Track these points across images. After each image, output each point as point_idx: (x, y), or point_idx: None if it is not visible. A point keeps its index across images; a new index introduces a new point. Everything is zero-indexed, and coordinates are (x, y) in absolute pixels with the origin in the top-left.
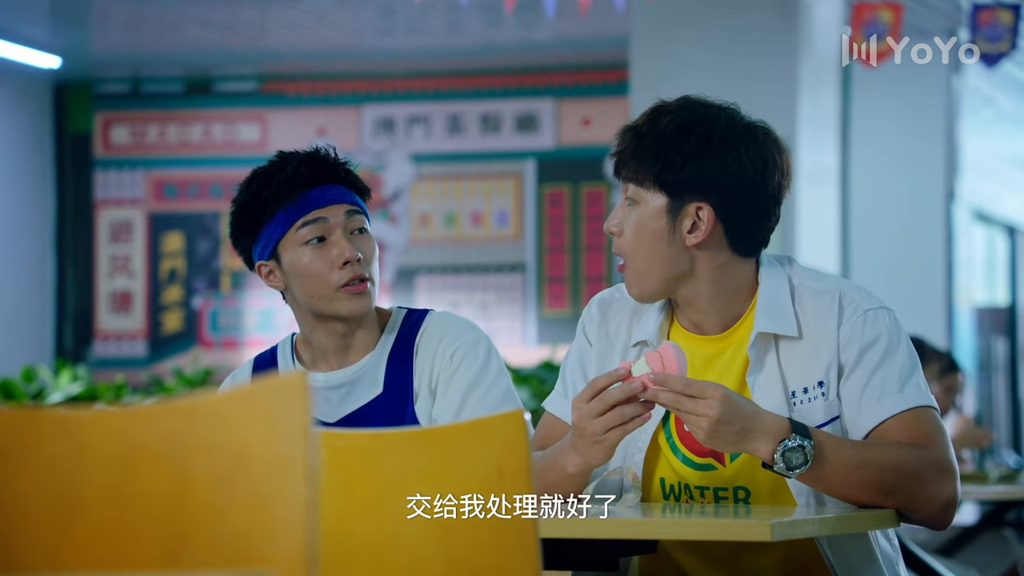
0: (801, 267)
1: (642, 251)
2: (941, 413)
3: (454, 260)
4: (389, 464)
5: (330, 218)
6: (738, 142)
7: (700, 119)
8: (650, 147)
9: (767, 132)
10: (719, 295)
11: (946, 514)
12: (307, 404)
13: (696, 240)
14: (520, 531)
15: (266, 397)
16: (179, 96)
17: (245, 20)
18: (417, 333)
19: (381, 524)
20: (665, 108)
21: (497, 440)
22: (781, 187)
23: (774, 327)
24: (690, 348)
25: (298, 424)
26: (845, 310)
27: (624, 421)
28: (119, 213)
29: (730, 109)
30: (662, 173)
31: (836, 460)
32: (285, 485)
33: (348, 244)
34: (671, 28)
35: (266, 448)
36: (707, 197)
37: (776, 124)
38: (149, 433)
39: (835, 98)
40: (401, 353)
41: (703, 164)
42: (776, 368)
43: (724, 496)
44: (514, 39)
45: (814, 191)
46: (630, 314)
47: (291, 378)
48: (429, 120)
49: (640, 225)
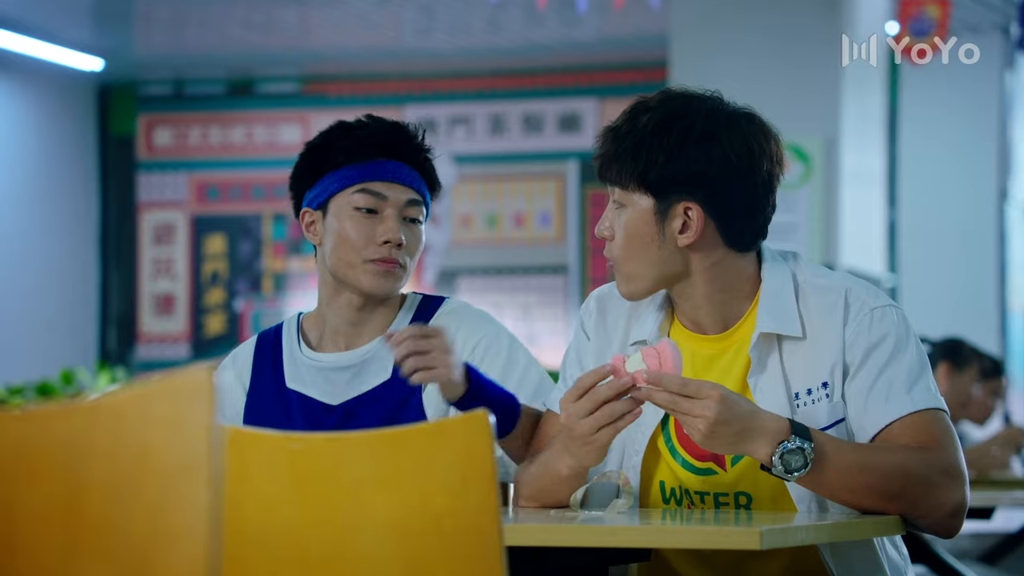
0: (806, 263)
1: (632, 254)
2: (983, 418)
3: (496, 262)
4: (347, 469)
5: (389, 196)
6: (720, 134)
7: (679, 114)
8: (630, 148)
9: (751, 118)
10: (717, 293)
11: (954, 521)
12: (212, 404)
13: (688, 241)
14: (484, 539)
15: (169, 397)
16: (221, 98)
17: (286, 21)
18: (431, 319)
19: (339, 533)
20: (644, 105)
21: (460, 443)
22: (772, 175)
23: (777, 327)
24: (691, 347)
25: (202, 426)
26: (851, 308)
27: (614, 419)
28: (162, 215)
29: (712, 99)
30: (645, 174)
31: (838, 463)
32: (187, 491)
33: (396, 226)
34: (711, 26)
35: (168, 452)
36: (694, 195)
37: (819, 123)
38: (44, 436)
39: (881, 97)
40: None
41: (685, 161)
42: (779, 369)
43: (725, 502)
44: (556, 38)
45: (859, 191)
46: (628, 310)
47: (195, 377)
48: (471, 121)
49: (629, 229)
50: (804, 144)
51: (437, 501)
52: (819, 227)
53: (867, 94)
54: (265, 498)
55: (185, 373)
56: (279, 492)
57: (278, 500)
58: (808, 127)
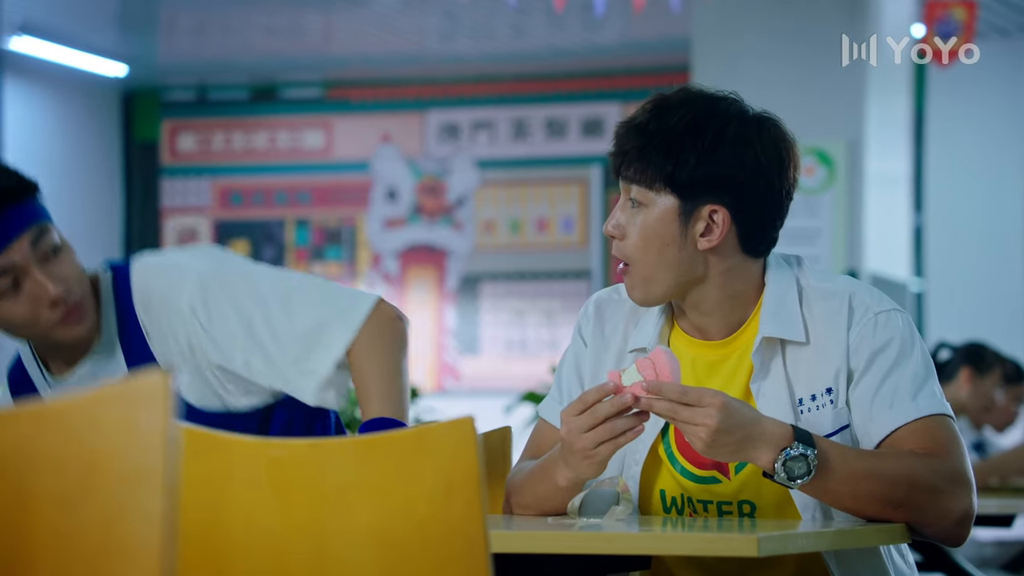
0: (810, 268)
1: (650, 256)
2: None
3: (519, 267)
4: (329, 476)
5: (16, 258)
6: (753, 137)
7: (710, 114)
8: (660, 146)
9: (776, 123)
10: (727, 298)
11: (961, 529)
12: (167, 409)
13: (710, 244)
14: (469, 547)
15: (121, 402)
16: (244, 103)
17: (309, 27)
18: (132, 302)
19: (321, 541)
20: (669, 102)
21: (444, 449)
22: (794, 182)
23: (780, 331)
24: (692, 354)
25: (156, 431)
26: (855, 312)
27: (615, 435)
28: (185, 221)
29: (737, 100)
30: (675, 174)
31: (842, 470)
32: (140, 501)
33: (48, 281)
34: (733, 29)
35: (120, 459)
36: (722, 198)
37: (842, 126)
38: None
39: (907, 100)
40: (128, 328)
41: (718, 163)
42: (782, 375)
43: (728, 510)
44: (579, 43)
45: (883, 195)
46: (627, 317)
47: (149, 381)
48: (494, 125)
49: (647, 229)
50: (827, 148)
51: (421, 508)
52: (842, 232)
53: (891, 97)
54: (245, 506)
55: (139, 377)
56: (259, 500)
57: (258, 508)
58: (831, 130)
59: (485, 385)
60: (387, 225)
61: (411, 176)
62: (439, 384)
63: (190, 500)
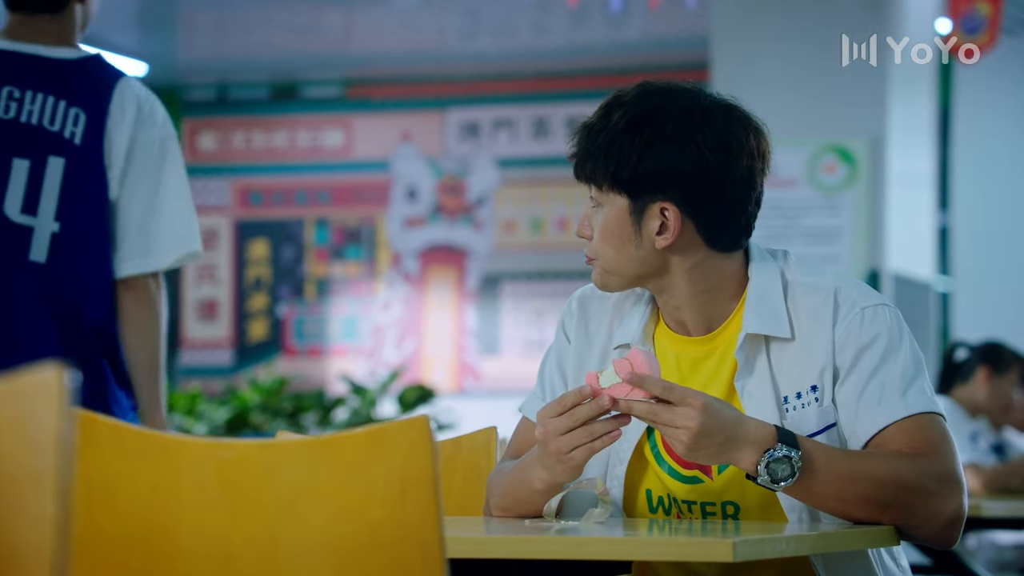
0: (796, 262)
1: (609, 254)
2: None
3: (539, 267)
4: (279, 478)
5: None
6: (695, 130)
7: (653, 110)
8: (602, 146)
9: (729, 111)
10: (700, 293)
11: (951, 531)
12: (60, 408)
13: (666, 243)
14: (424, 551)
15: (12, 399)
16: (264, 102)
17: (329, 25)
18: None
19: (270, 545)
20: (619, 101)
21: (398, 449)
22: (752, 170)
23: (764, 327)
24: (676, 350)
25: (49, 431)
26: (841, 308)
27: (592, 439)
28: (205, 220)
29: (690, 92)
30: (617, 173)
31: (827, 472)
32: (31, 505)
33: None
34: (753, 26)
35: (9, 460)
36: (669, 195)
37: (864, 124)
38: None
39: (930, 97)
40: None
41: (658, 159)
42: (767, 372)
43: (712, 511)
44: (600, 40)
45: (906, 194)
46: (611, 312)
47: (42, 377)
48: (514, 124)
49: (604, 228)
50: (849, 145)
51: (374, 511)
52: (864, 230)
53: (915, 94)
54: (192, 509)
55: (32, 373)
56: (207, 503)
57: (206, 511)
58: (853, 128)
59: (505, 385)
60: (407, 224)
61: (431, 175)
62: (459, 384)
63: (134, 504)
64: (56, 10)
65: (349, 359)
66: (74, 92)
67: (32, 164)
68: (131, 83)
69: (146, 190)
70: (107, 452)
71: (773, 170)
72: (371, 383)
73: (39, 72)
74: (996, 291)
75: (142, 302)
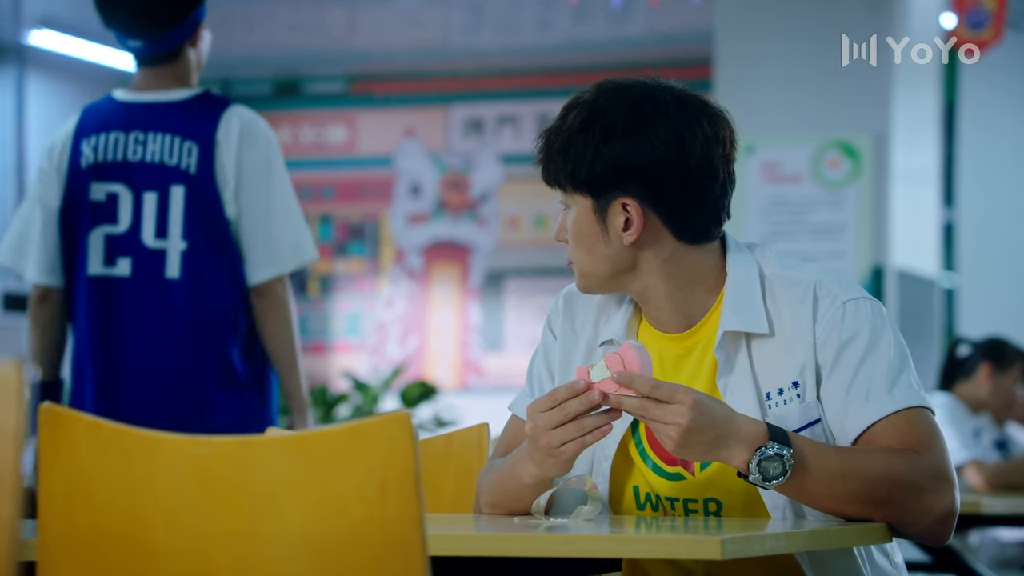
0: (775, 254)
1: (582, 254)
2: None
3: (544, 263)
4: (257, 475)
5: None
6: (644, 124)
7: (606, 108)
8: (559, 148)
9: (683, 101)
10: (675, 289)
11: (943, 527)
12: (19, 404)
13: (632, 238)
14: (405, 550)
15: None
16: (267, 98)
17: (333, 21)
18: None
19: (248, 544)
20: (575, 102)
21: (379, 447)
22: (711, 157)
23: (742, 324)
24: (659, 347)
25: (7, 431)
26: (821, 302)
27: (583, 433)
28: None
29: (645, 86)
30: (575, 172)
31: (819, 470)
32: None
33: None
34: (757, 20)
35: None
36: (627, 190)
37: (868, 119)
38: None
39: (935, 93)
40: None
41: (612, 155)
42: (748, 369)
43: (694, 508)
44: (604, 36)
45: (911, 189)
46: (597, 309)
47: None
48: (518, 120)
49: (575, 230)
50: (853, 140)
51: (354, 509)
52: (868, 226)
53: (919, 90)
54: (168, 507)
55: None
56: (183, 500)
57: (182, 509)
58: (857, 123)
59: (509, 382)
60: (411, 221)
61: (435, 171)
62: (463, 381)
63: (110, 500)
64: (172, 60)
65: (352, 355)
66: (187, 127)
67: (159, 195)
68: (235, 111)
69: (261, 205)
70: (84, 449)
71: (777, 166)
72: (374, 380)
73: (158, 115)
74: (1001, 287)
75: (274, 304)
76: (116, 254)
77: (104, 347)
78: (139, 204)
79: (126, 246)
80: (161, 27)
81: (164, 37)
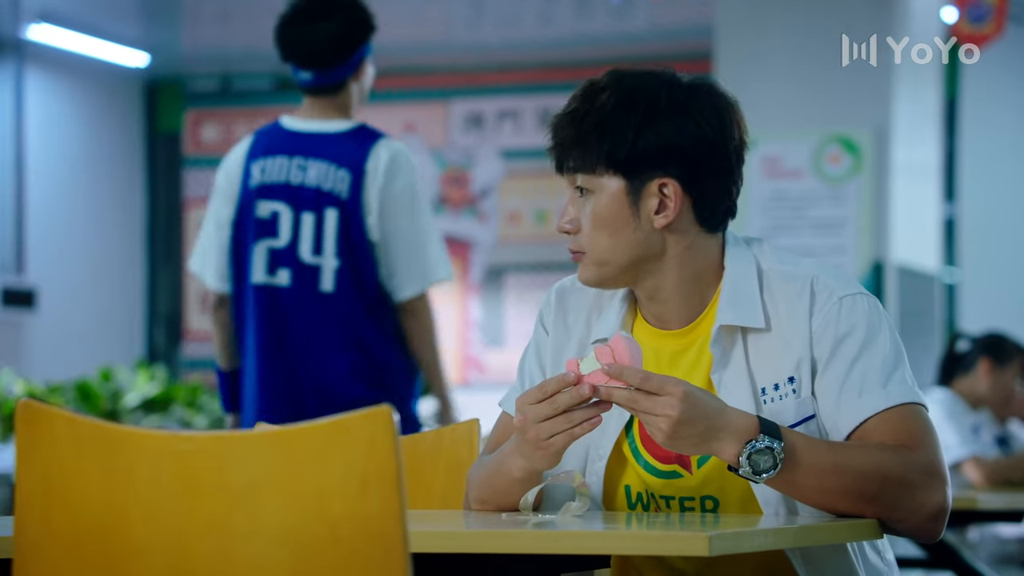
0: (772, 249)
1: (603, 242)
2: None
3: (544, 258)
4: (236, 471)
5: None
6: (687, 103)
7: (640, 88)
8: (593, 128)
9: (711, 87)
10: (685, 281)
11: (935, 524)
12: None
13: (666, 220)
14: (386, 546)
15: None
16: (268, 93)
17: None
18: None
19: (227, 540)
20: (597, 86)
21: (359, 441)
22: (741, 143)
23: (738, 319)
24: (654, 344)
25: None
26: (817, 297)
27: (572, 426)
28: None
29: (667, 72)
30: (614, 152)
31: (810, 464)
32: None
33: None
34: (758, 15)
35: None
36: (668, 170)
37: (869, 114)
38: None
39: (936, 88)
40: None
41: (657, 134)
42: (743, 363)
43: (690, 506)
44: (605, 30)
45: (912, 184)
46: (590, 306)
47: None
48: (519, 115)
49: (597, 216)
50: (853, 135)
51: (334, 505)
52: (868, 221)
53: (920, 85)
54: (146, 503)
55: None
56: (161, 496)
57: (160, 505)
58: (857, 118)
59: (510, 378)
60: None
61: (435, 166)
62: (463, 377)
63: (88, 496)
64: (337, 92)
65: None
66: (342, 157)
67: (316, 216)
68: (384, 144)
69: (405, 230)
70: (62, 445)
71: (778, 161)
72: None
73: (318, 144)
74: (1002, 283)
75: (419, 316)
76: (277, 265)
77: (269, 349)
78: (298, 223)
79: (286, 259)
80: (329, 63)
81: (331, 71)
